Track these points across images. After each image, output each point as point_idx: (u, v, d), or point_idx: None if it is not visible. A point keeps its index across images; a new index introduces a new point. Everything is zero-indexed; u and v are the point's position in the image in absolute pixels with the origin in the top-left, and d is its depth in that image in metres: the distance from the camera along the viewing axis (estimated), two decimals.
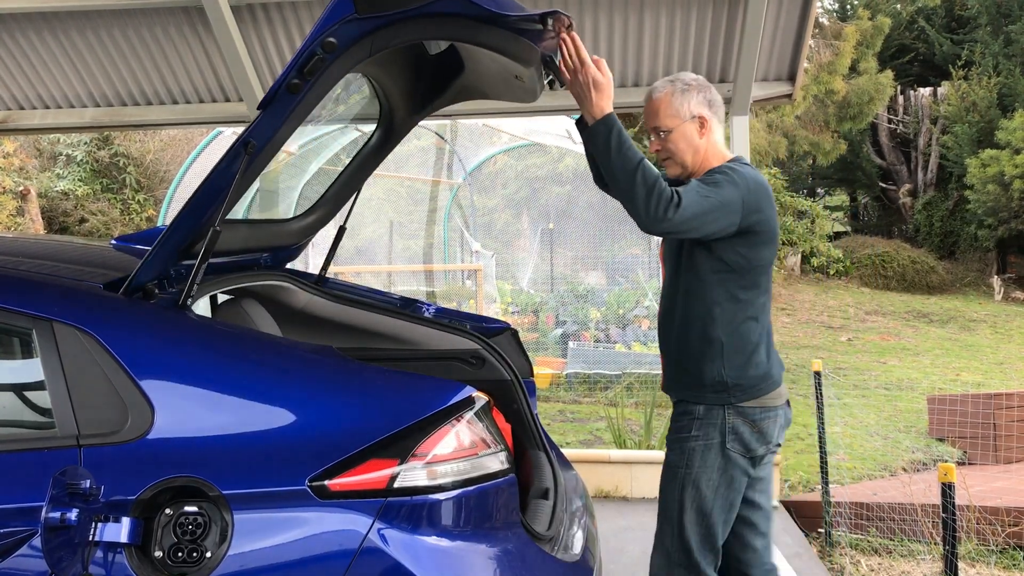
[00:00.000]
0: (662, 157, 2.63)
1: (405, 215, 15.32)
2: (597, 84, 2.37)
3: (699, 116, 2.55)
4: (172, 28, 5.27)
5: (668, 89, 2.56)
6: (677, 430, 2.58)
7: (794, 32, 5.10)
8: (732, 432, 2.52)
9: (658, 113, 2.56)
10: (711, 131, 2.58)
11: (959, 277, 18.56)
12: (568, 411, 8.61)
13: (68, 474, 1.78)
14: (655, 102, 2.57)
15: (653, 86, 2.61)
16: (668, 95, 2.56)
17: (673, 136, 2.56)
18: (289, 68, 1.98)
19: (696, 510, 2.52)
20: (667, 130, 2.56)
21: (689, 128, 2.55)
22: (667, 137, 2.56)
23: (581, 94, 2.38)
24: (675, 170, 2.63)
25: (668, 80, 2.59)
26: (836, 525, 5.22)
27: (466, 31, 2.10)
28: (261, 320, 2.76)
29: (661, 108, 2.56)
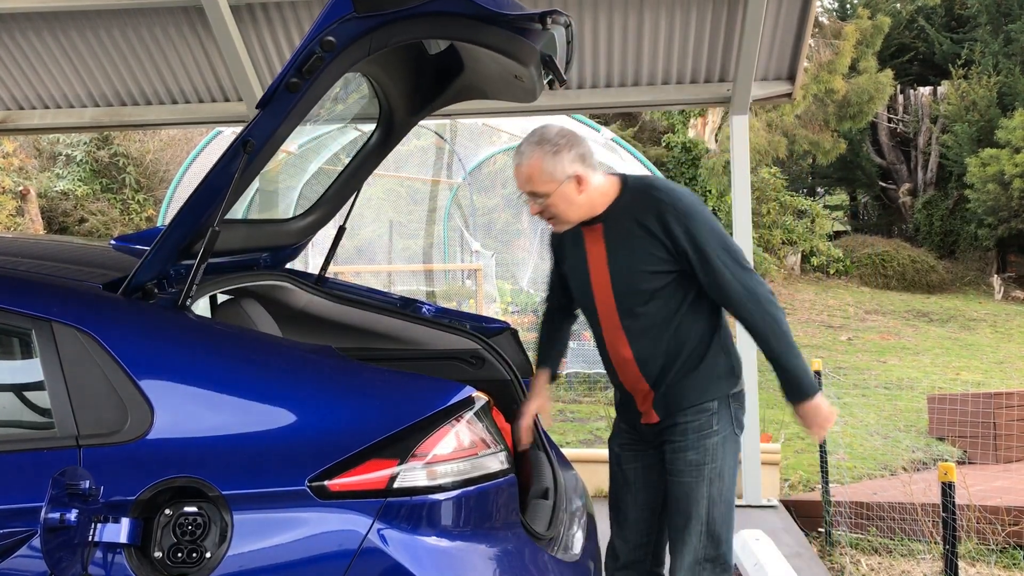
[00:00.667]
0: (545, 218, 2.55)
1: (405, 215, 15.31)
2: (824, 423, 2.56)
3: (575, 175, 2.46)
4: (172, 28, 5.26)
5: (537, 154, 2.45)
6: (696, 430, 2.56)
7: (794, 31, 5.09)
8: (736, 416, 2.62)
9: (532, 179, 2.46)
10: (589, 183, 2.49)
11: (959, 276, 18.56)
12: (568, 411, 8.61)
13: (67, 474, 1.78)
14: (526, 168, 2.46)
15: (519, 151, 2.49)
16: (539, 161, 2.44)
17: (552, 200, 2.47)
18: (288, 67, 1.97)
19: (724, 501, 2.57)
20: (544, 195, 2.47)
21: (567, 188, 2.46)
22: (546, 201, 2.48)
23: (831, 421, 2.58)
24: (563, 227, 2.57)
25: (534, 143, 2.47)
26: (836, 524, 5.22)
27: (465, 30, 2.10)
28: (261, 320, 2.76)
29: (534, 175, 2.46)
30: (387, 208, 15.23)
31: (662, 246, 2.46)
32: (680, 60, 5.25)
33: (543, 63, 2.23)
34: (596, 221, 2.55)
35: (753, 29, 4.76)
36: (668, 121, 17.15)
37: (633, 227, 2.49)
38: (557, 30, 2.23)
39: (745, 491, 5.14)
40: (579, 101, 5.49)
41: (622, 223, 2.52)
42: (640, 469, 2.72)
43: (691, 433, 2.56)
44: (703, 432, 2.56)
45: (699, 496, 2.55)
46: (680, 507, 2.57)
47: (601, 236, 2.55)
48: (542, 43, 2.15)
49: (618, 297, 2.55)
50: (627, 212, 2.52)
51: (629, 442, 2.74)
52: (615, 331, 2.58)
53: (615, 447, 2.79)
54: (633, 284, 2.51)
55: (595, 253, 2.57)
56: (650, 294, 2.50)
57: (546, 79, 2.43)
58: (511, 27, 2.08)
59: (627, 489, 2.74)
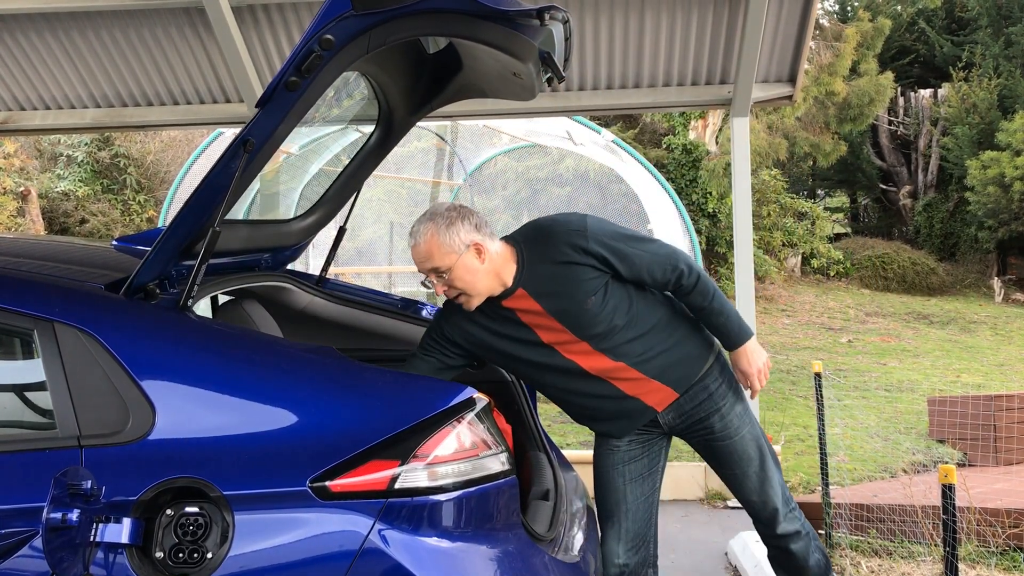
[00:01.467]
0: (453, 295, 2.54)
1: (406, 216, 15.31)
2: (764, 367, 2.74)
3: (472, 244, 2.48)
4: (173, 29, 5.27)
5: (431, 230, 2.47)
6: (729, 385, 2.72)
7: (795, 34, 5.10)
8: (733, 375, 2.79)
9: (432, 255, 2.47)
10: (488, 250, 2.51)
11: (959, 279, 18.56)
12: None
13: (69, 475, 1.78)
14: (424, 246, 2.47)
15: (413, 231, 2.50)
16: (433, 236, 2.46)
17: (456, 273, 2.47)
18: (287, 66, 1.98)
19: (759, 424, 2.82)
20: (447, 268, 2.47)
21: (467, 259, 2.47)
22: (450, 276, 2.48)
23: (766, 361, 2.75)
24: (475, 301, 2.54)
25: (426, 220, 2.50)
26: (836, 527, 5.22)
27: (462, 27, 2.10)
28: (262, 321, 2.76)
29: (432, 250, 2.47)
30: (388, 209, 15.23)
31: (587, 267, 2.52)
32: (681, 62, 5.26)
33: (541, 60, 2.23)
34: (514, 289, 2.55)
35: (754, 31, 4.76)
36: (669, 123, 17.15)
37: (554, 272, 2.52)
38: (555, 26, 2.23)
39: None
40: (579, 103, 5.50)
41: (542, 275, 2.54)
42: (646, 460, 2.75)
43: (729, 390, 2.71)
44: (733, 384, 2.74)
45: (757, 435, 2.76)
46: (749, 454, 2.73)
47: (529, 298, 2.55)
48: (540, 39, 2.15)
49: (582, 333, 2.56)
50: (540, 263, 2.55)
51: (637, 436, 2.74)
52: (595, 359, 2.59)
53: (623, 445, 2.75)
54: (588, 313, 2.53)
55: (533, 317, 2.57)
56: (604, 306, 2.54)
57: (545, 76, 2.43)
58: (509, 23, 2.08)
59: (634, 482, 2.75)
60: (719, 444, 2.72)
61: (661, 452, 2.80)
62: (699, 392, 2.67)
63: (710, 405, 2.68)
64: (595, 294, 2.53)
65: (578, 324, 2.55)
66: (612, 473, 2.77)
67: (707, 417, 2.68)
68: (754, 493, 2.76)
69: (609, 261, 2.53)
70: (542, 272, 2.54)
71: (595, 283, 2.53)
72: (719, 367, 2.72)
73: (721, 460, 2.76)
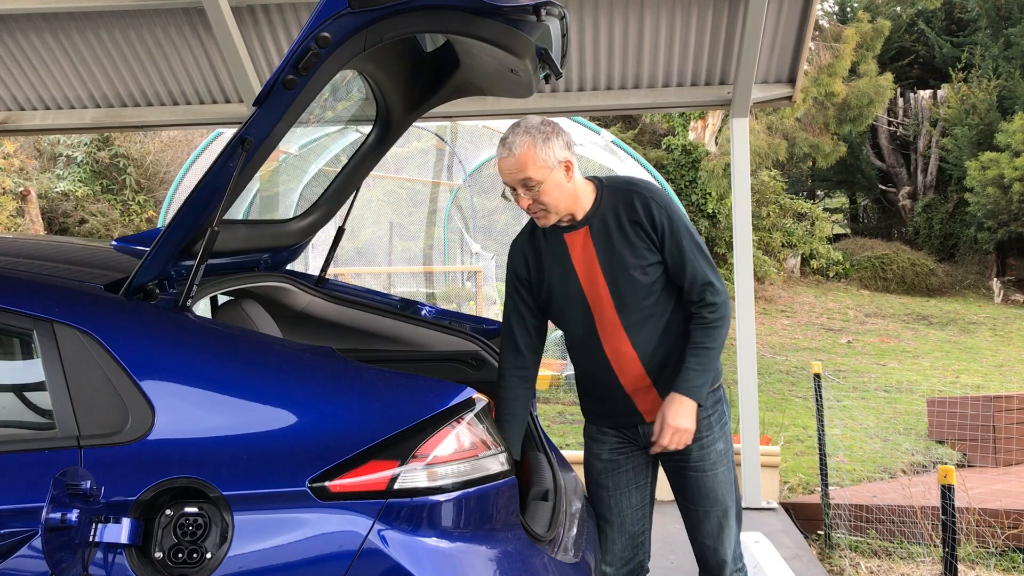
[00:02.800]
0: (535, 210, 2.54)
1: (405, 217, 15.32)
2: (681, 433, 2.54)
3: (564, 161, 2.50)
4: (172, 29, 5.27)
5: (528, 141, 2.47)
6: (718, 420, 2.69)
7: (794, 34, 5.10)
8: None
9: (526, 167, 2.47)
10: (575, 171, 2.55)
11: (959, 279, 18.57)
12: (568, 413, 8.60)
13: (68, 475, 1.78)
14: (520, 156, 2.46)
15: (508, 142, 2.49)
16: (531, 147, 2.46)
17: (545, 187, 2.49)
18: (284, 64, 1.97)
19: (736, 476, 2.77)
20: (539, 182, 2.48)
21: (558, 175, 2.50)
22: (540, 189, 2.49)
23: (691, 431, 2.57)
24: (551, 219, 2.56)
25: (521, 132, 2.49)
26: (836, 527, 5.23)
27: (459, 23, 2.10)
28: (261, 321, 2.76)
29: (528, 161, 2.46)
30: (387, 210, 15.24)
31: (648, 238, 2.54)
32: (680, 63, 5.26)
33: (538, 56, 2.23)
34: (581, 224, 2.58)
35: (753, 32, 4.76)
36: (668, 124, 17.16)
37: (623, 224, 2.55)
38: (552, 22, 2.23)
39: (745, 494, 5.14)
40: (579, 103, 5.50)
41: (609, 222, 2.56)
42: (631, 472, 2.75)
43: (716, 424, 2.67)
44: (723, 421, 2.70)
45: (731, 480, 2.71)
46: (717, 496, 2.68)
47: (589, 238, 2.57)
48: (537, 35, 2.15)
49: (616, 295, 2.56)
50: (612, 211, 2.57)
51: (619, 444, 2.74)
52: (614, 330, 2.59)
53: (603, 455, 2.76)
54: (631, 279, 2.54)
55: (583, 257, 2.58)
56: (648, 288, 2.55)
57: (542, 73, 2.43)
58: (505, 19, 2.08)
59: (621, 493, 2.75)
60: (691, 475, 2.68)
61: (647, 467, 2.76)
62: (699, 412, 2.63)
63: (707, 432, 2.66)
64: (645, 269, 2.54)
65: (617, 286, 2.55)
66: (595, 487, 2.80)
67: (700, 439, 2.65)
68: (709, 537, 2.71)
69: (665, 241, 2.53)
70: (611, 220, 2.56)
71: (649, 257, 2.54)
72: (714, 399, 2.68)
73: (688, 492, 2.72)
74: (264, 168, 9.30)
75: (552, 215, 2.55)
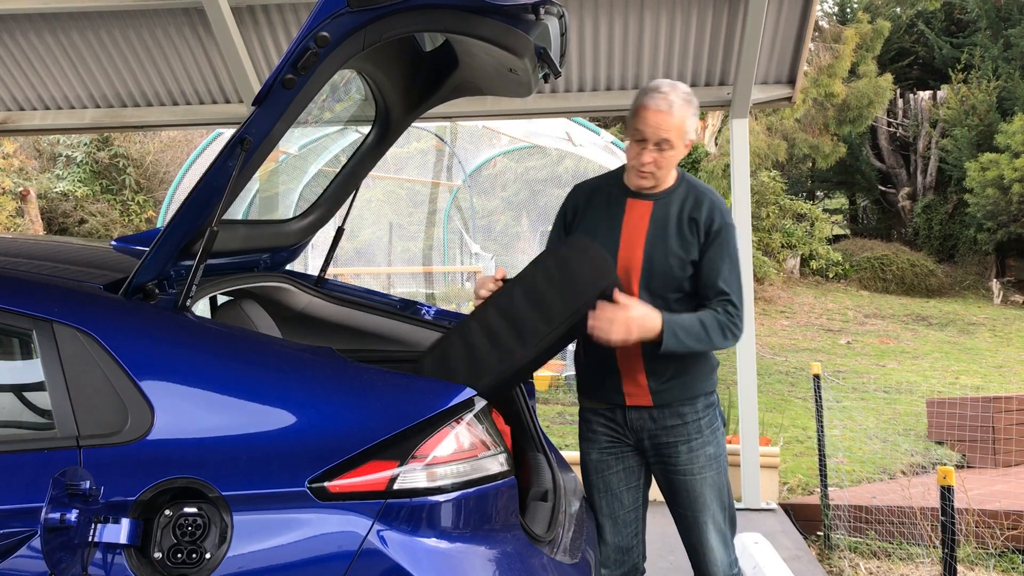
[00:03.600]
0: (647, 169, 2.57)
1: (405, 217, 15.32)
2: (630, 323, 2.40)
3: (691, 141, 2.59)
4: (172, 29, 5.27)
5: (686, 112, 2.52)
6: (709, 424, 2.68)
7: (794, 35, 5.10)
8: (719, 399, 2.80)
9: (672, 130, 2.51)
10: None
11: (958, 280, 18.56)
12: (567, 413, 8.60)
13: (68, 475, 1.78)
14: (674, 119, 2.50)
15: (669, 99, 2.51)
16: (686, 117, 2.52)
17: (671, 154, 2.55)
18: (283, 63, 1.97)
19: (728, 481, 2.74)
20: (672, 148, 2.54)
21: (683, 149, 2.59)
22: (667, 154, 2.55)
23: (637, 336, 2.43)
24: (649, 183, 2.61)
25: (684, 100, 2.52)
26: (835, 528, 5.22)
27: (458, 22, 2.10)
28: (261, 321, 2.76)
29: (679, 126, 2.52)
30: (387, 210, 15.23)
31: (697, 236, 2.59)
32: (680, 63, 5.26)
33: (537, 55, 2.23)
34: (648, 198, 2.64)
35: (753, 33, 4.76)
36: None
37: (683, 215, 2.61)
38: (551, 21, 2.23)
39: (744, 495, 5.14)
40: (579, 104, 5.50)
41: (672, 209, 2.62)
42: (622, 473, 2.76)
43: (706, 428, 2.67)
44: (714, 426, 2.69)
45: (721, 485, 2.69)
46: (705, 500, 2.67)
47: (648, 214, 2.62)
48: (536, 33, 2.15)
49: (647, 270, 2.59)
50: (680, 201, 2.63)
51: (609, 445, 2.75)
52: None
53: (593, 454, 2.78)
54: (667, 265, 2.58)
55: (634, 225, 2.63)
56: (677, 281, 2.59)
57: (541, 73, 2.43)
58: (504, 18, 2.08)
59: (612, 494, 2.76)
60: (680, 479, 2.68)
61: (639, 468, 2.76)
62: (673, 417, 2.65)
63: (681, 432, 2.66)
64: (684, 263, 2.58)
65: (652, 264, 2.58)
66: (588, 487, 2.82)
67: (675, 444, 2.66)
68: (700, 543, 2.69)
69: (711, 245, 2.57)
70: (675, 208, 2.62)
71: (693, 254, 2.59)
72: (705, 403, 2.68)
73: (677, 498, 2.71)
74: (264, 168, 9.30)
75: (653, 180, 2.61)
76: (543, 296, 2.44)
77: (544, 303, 2.43)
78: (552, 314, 2.42)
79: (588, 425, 2.80)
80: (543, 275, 2.48)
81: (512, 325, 2.43)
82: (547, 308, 2.43)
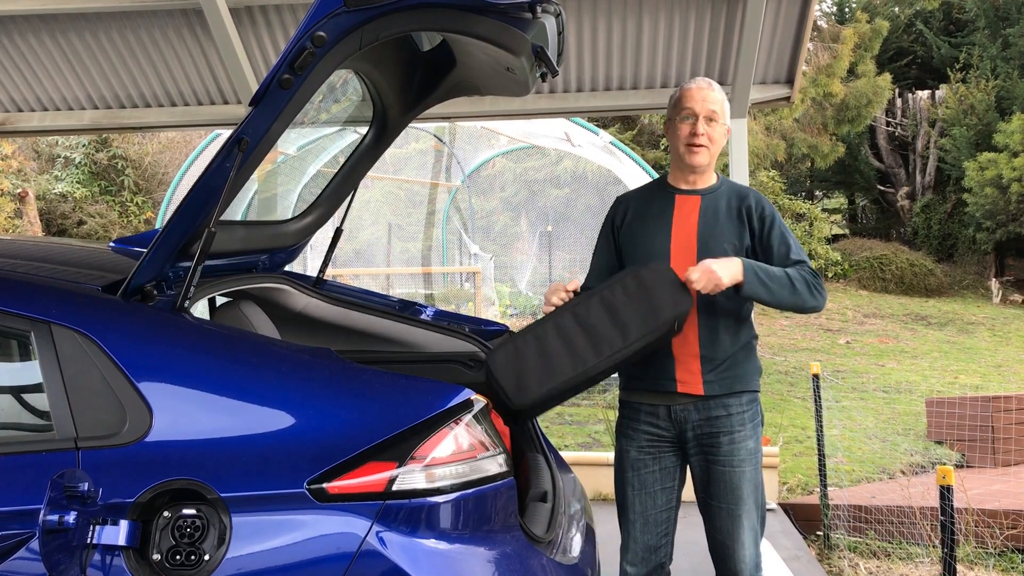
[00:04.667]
0: (701, 142, 2.72)
1: (403, 218, 15.32)
2: (714, 275, 2.52)
3: (728, 129, 2.80)
4: (171, 30, 5.27)
5: (723, 95, 2.78)
6: (752, 418, 2.72)
7: (792, 35, 5.10)
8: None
9: (719, 104, 2.74)
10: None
11: (957, 280, 18.57)
12: (566, 413, 8.60)
13: (66, 477, 1.78)
14: (717, 93, 2.74)
15: (707, 81, 2.76)
16: (724, 97, 2.78)
17: (719, 129, 2.74)
18: (279, 63, 1.97)
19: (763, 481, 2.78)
20: (720, 122, 2.74)
21: (725, 130, 2.79)
22: (716, 128, 2.73)
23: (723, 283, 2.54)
24: (704, 158, 2.74)
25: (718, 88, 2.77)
26: (834, 528, 5.23)
27: (454, 21, 2.10)
28: (259, 323, 2.76)
29: (719, 101, 2.74)
30: (386, 211, 15.24)
31: (750, 224, 2.72)
32: (679, 63, 5.26)
33: (535, 54, 2.23)
34: (695, 193, 2.76)
35: (752, 32, 4.76)
36: None
37: (732, 207, 2.73)
38: (547, 19, 2.23)
39: None
40: (577, 104, 5.50)
41: (719, 202, 2.74)
42: (657, 472, 2.75)
43: (749, 422, 2.70)
44: (756, 420, 2.74)
45: (757, 481, 2.71)
46: (741, 493, 2.68)
47: (697, 208, 2.74)
48: (533, 32, 2.15)
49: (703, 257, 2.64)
50: (725, 195, 2.77)
51: (648, 444, 2.74)
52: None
53: (632, 451, 2.77)
54: (723, 251, 2.65)
55: (685, 221, 2.73)
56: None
57: (538, 72, 2.43)
58: (501, 16, 2.08)
59: (647, 493, 2.76)
60: (719, 469, 2.68)
61: (675, 469, 2.77)
62: (718, 408, 2.67)
63: (725, 424, 2.67)
64: (736, 247, 2.68)
65: (706, 251, 2.65)
66: (621, 482, 2.81)
67: (717, 434, 2.67)
68: (729, 536, 2.68)
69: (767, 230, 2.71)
70: (723, 203, 2.74)
71: (745, 239, 2.71)
72: (749, 399, 2.73)
73: (712, 488, 2.71)
74: (262, 169, 9.30)
75: (707, 153, 2.74)
76: (622, 311, 2.56)
77: (622, 318, 2.55)
78: (629, 330, 2.54)
79: (629, 422, 2.80)
80: (622, 292, 2.59)
81: (588, 334, 2.55)
82: (624, 323, 2.54)
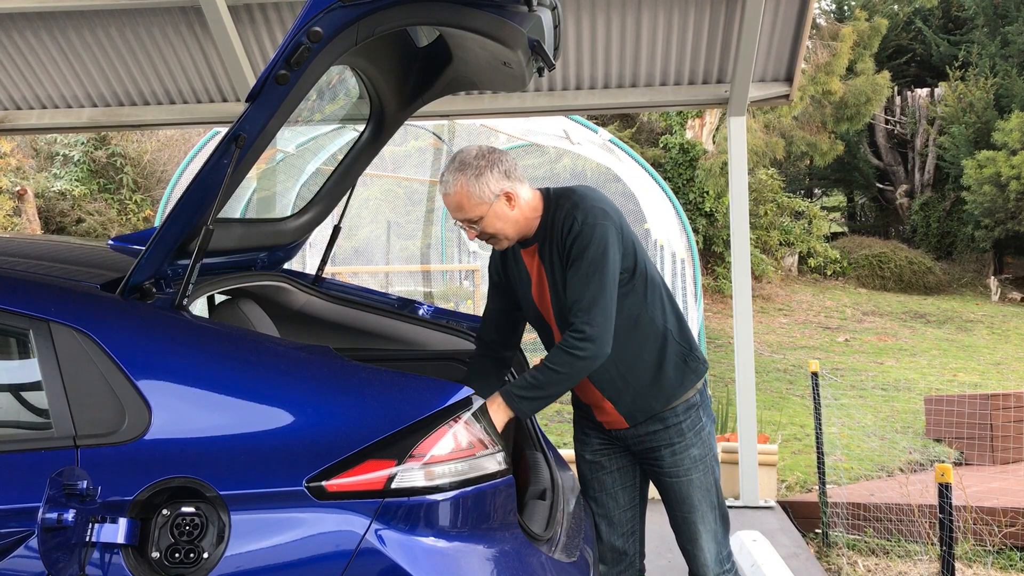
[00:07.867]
0: (485, 239, 2.53)
1: (403, 215, 15.32)
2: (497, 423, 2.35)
3: (502, 193, 2.44)
4: (169, 28, 5.26)
5: (461, 181, 2.42)
6: (691, 427, 2.64)
7: (791, 33, 5.10)
8: (708, 398, 2.74)
9: (462, 207, 2.44)
10: (519, 197, 2.48)
11: (956, 278, 18.59)
12: (565, 412, 8.61)
13: (65, 475, 1.77)
14: (455, 196, 2.43)
15: (444, 179, 2.47)
16: (464, 187, 2.42)
17: (487, 220, 2.46)
18: (276, 59, 1.96)
19: (718, 480, 2.74)
20: (479, 217, 2.45)
21: (498, 208, 2.45)
22: (482, 224, 2.47)
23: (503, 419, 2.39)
24: (504, 244, 2.56)
25: (455, 169, 2.44)
26: (833, 526, 5.23)
27: (450, 15, 2.09)
28: (258, 321, 2.76)
29: (463, 202, 2.43)
30: (385, 209, 15.23)
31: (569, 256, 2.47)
32: (678, 61, 5.26)
33: (531, 48, 2.22)
34: (532, 242, 2.56)
35: (751, 30, 4.76)
36: (666, 122, 17.16)
37: (555, 247, 2.50)
38: (543, 12, 2.22)
39: (742, 492, 5.14)
40: (576, 102, 5.50)
41: (553, 240, 2.50)
42: (616, 472, 2.77)
43: (688, 431, 2.64)
44: (697, 427, 2.66)
45: (709, 485, 2.68)
46: (692, 501, 2.67)
47: (538, 257, 2.56)
48: (529, 26, 2.15)
49: (556, 313, 2.57)
50: (552, 228, 2.51)
51: (601, 447, 2.77)
52: None
53: (586, 455, 2.80)
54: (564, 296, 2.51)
55: (536, 273, 2.60)
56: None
57: (535, 66, 2.43)
58: (497, 10, 2.07)
59: (607, 494, 2.78)
60: (666, 480, 2.68)
61: (633, 467, 2.77)
62: (654, 423, 2.63)
63: (663, 437, 2.63)
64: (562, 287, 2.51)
65: (559, 304, 2.53)
66: (584, 487, 2.83)
67: (658, 448, 2.65)
68: (689, 541, 2.71)
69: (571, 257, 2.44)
70: (554, 238, 2.50)
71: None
72: (684, 407, 2.61)
73: (665, 498, 2.73)
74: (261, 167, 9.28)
75: (504, 241, 2.53)
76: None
77: None
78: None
79: (579, 428, 2.83)
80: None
81: None
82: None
